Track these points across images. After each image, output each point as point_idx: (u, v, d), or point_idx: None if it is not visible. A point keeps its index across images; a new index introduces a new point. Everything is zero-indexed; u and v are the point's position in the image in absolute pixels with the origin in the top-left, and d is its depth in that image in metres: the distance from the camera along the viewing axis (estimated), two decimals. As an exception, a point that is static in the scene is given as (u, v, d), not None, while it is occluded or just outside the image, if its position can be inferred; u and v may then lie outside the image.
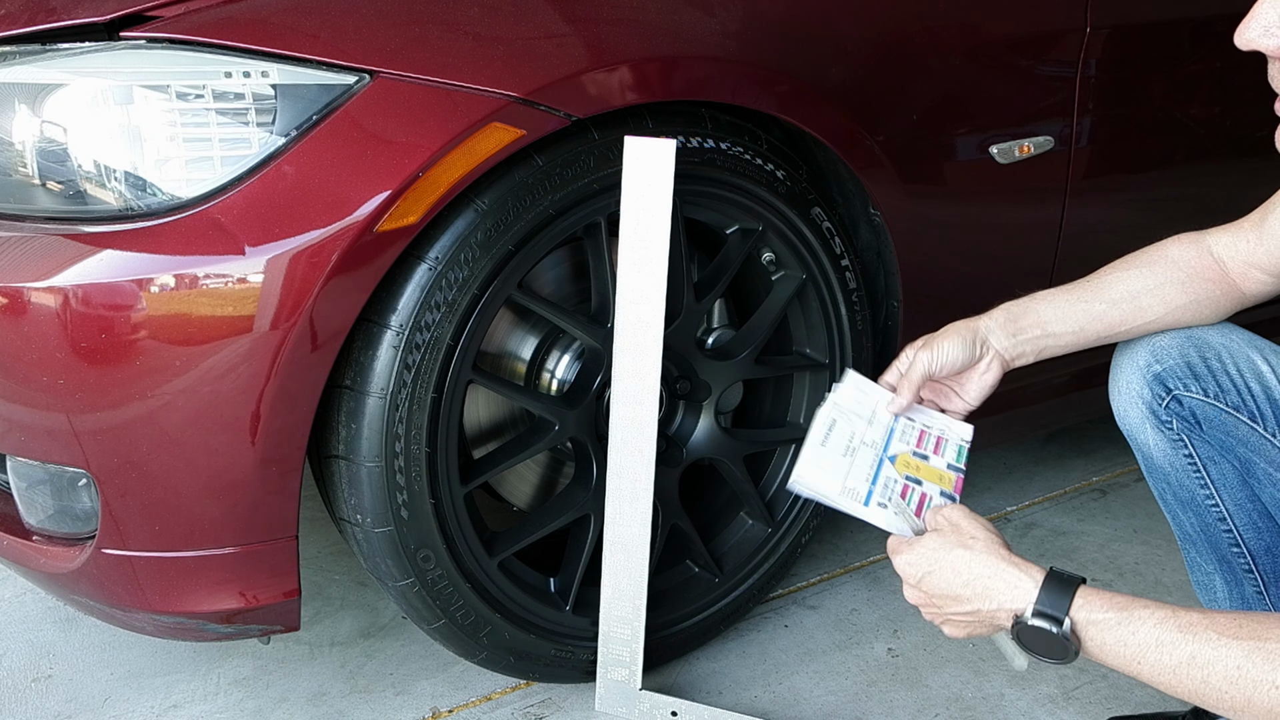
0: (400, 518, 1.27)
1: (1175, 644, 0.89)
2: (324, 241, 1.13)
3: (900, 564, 1.06)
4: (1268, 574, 1.26)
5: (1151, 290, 1.20)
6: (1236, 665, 0.86)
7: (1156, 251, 1.23)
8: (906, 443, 1.22)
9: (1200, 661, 0.87)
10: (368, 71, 1.15)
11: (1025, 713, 1.49)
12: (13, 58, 1.17)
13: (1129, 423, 1.25)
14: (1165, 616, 0.90)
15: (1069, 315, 1.22)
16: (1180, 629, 0.89)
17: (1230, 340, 1.19)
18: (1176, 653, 0.89)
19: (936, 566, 1.02)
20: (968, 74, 1.55)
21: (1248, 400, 1.17)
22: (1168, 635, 0.89)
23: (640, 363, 1.31)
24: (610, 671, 1.45)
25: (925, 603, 1.05)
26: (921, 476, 1.18)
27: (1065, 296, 1.23)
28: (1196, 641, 0.88)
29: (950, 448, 1.23)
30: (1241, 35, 0.99)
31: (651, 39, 1.29)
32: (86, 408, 1.15)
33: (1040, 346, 1.22)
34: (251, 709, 1.50)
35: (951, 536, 1.03)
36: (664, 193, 1.26)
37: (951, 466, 1.21)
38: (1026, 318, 1.22)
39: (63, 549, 1.27)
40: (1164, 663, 0.89)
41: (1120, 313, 1.21)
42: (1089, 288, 1.23)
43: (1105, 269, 1.25)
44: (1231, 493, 1.23)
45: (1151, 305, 1.20)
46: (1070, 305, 1.22)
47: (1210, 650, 0.87)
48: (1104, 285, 1.22)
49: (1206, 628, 0.88)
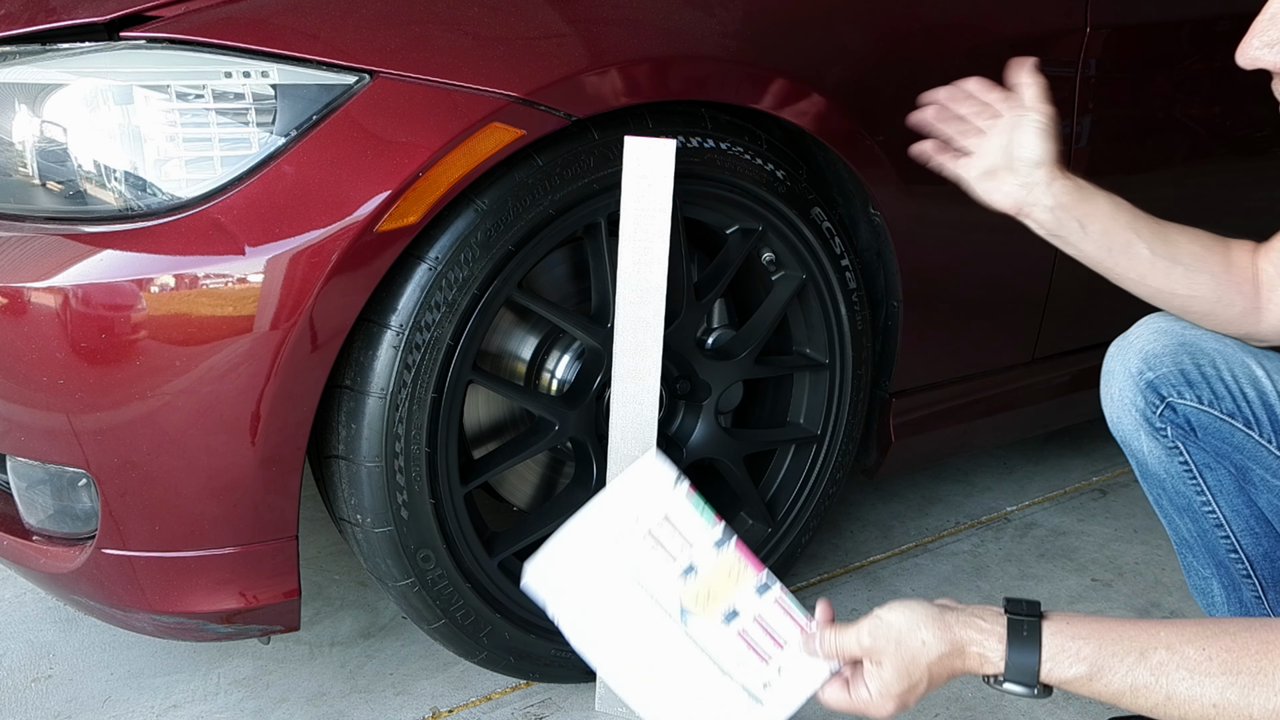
0: (400, 518, 1.27)
1: (1150, 687, 0.90)
2: (324, 241, 1.13)
3: (879, 710, 0.99)
4: (1266, 579, 1.26)
5: (1190, 267, 1.15)
6: (1212, 703, 0.88)
7: (1227, 244, 1.17)
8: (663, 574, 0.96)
9: (1177, 701, 0.89)
10: (368, 71, 1.15)
11: (1025, 713, 1.49)
12: (13, 58, 1.17)
13: (1122, 430, 1.25)
14: (1134, 662, 0.91)
15: (1111, 228, 1.15)
16: (1151, 672, 0.90)
17: (1224, 345, 1.18)
18: (1153, 695, 0.91)
19: (911, 684, 0.97)
20: (968, 73, 1.55)
21: (1243, 406, 1.16)
22: (1141, 680, 0.91)
23: (640, 363, 1.31)
24: (610, 671, 1.45)
25: (908, 705, 1.00)
26: (726, 603, 0.98)
27: (1125, 217, 1.15)
28: (1170, 682, 0.90)
29: (683, 516, 1.00)
30: (1243, 53, 0.98)
31: (651, 39, 1.29)
32: (86, 408, 1.15)
33: (1065, 233, 1.16)
34: (251, 709, 1.50)
35: (902, 646, 0.97)
36: (664, 193, 1.26)
37: (718, 542, 1.01)
38: (1080, 207, 1.14)
39: (63, 549, 1.27)
40: (1142, 704, 0.91)
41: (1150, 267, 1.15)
42: (1149, 227, 1.16)
43: (1181, 227, 1.18)
44: (1228, 499, 1.22)
45: (1179, 279, 1.15)
46: (1118, 228, 1.15)
47: (1184, 689, 0.89)
48: (1160, 235, 1.15)
49: (1177, 666, 0.90)
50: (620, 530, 1.00)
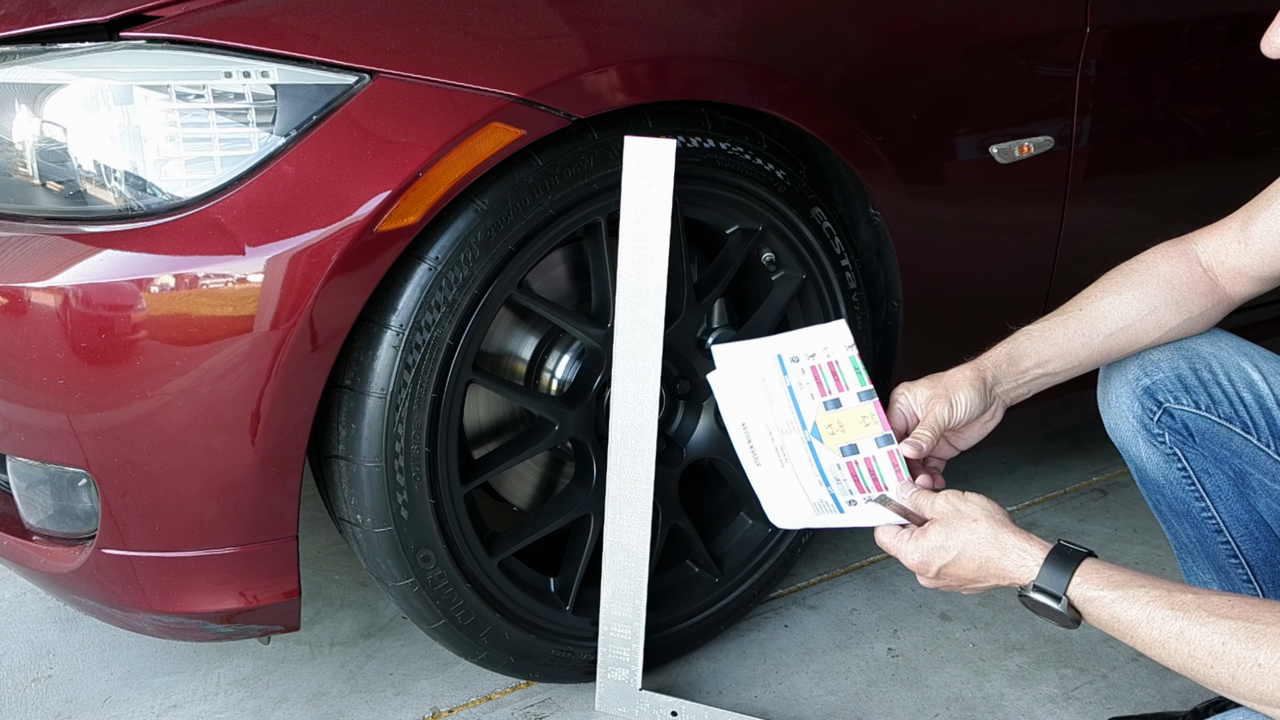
0: (400, 518, 1.27)
1: (1165, 620, 0.92)
2: (324, 241, 1.13)
3: (913, 562, 1.09)
4: (1266, 583, 1.25)
5: (1146, 316, 1.18)
6: (1221, 643, 0.88)
7: (1146, 269, 1.20)
8: (812, 396, 1.17)
9: (1187, 638, 0.90)
10: (368, 71, 1.15)
11: (1025, 712, 1.49)
12: (13, 58, 1.17)
13: (1120, 436, 1.25)
14: (1159, 595, 0.93)
15: (1068, 352, 1.20)
16: (1172, 606, 0.92)
17: (1220, 349, 1.18)
18: (1165, 628, 0.91)
19: (950, 557, 1.06)
20: (968, 74, 1.55)
21: (1240, 411, 1.16)
22: (1159, 612, 0.92)
23: (640, 363, 1.31)
24: (610, 671, 1.45)
25: (943, 586, 1.09)
26: (851, 438, 1.15)
27: (1063, 331, 1.20)
28: (1185, 619, 0.91)
29: (845, 368, 1.17)
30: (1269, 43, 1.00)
31: (651, 39, 1.29)
32: (86, 408, 1.15)
33: (1041, 385, 1.22)
34: (251, 709, 1.50)
35: (957, 523, 1.06)
36: (664, 193, 1.26)
37: (862, 394, 1.16)
38: (1028, 359, 1.19)
39: (63, 549, 1.27)
40: (1154, 637, 0.92)
41: (1117, 342, 1.20)
42: (1085, 320, 1.20)
43: (1096, 291, 1.21)
44: (1227, 504, 1.22)
45: (1147, 331, 1.19)
46: (1069, 341, 1.19)
47: (1197, 628, 0.90)
48: (1099, 315, 1.19)
49: (1198, 607, 0.91)
50: (796, 355, 1.19)
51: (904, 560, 1.10)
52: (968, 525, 1.06)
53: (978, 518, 1.06)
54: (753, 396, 1.20)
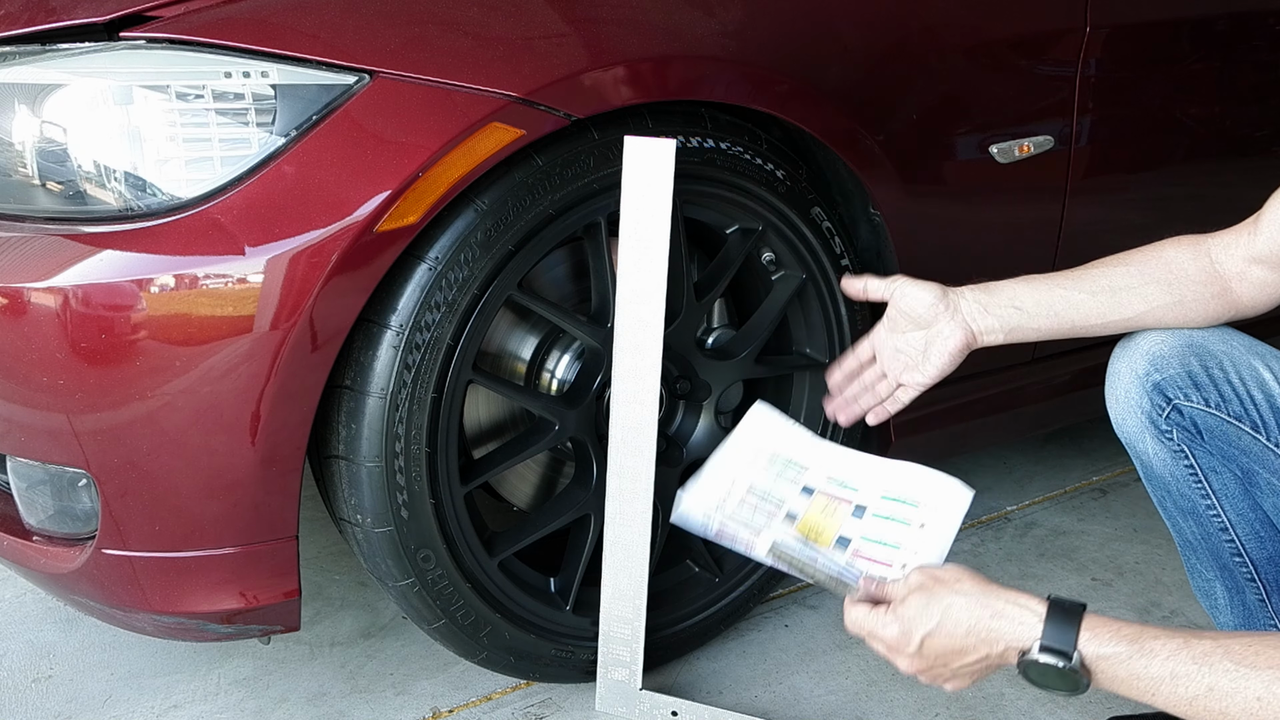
0: (400, 518, 1.27)
1: (1191, 676, 0.86)
2: (324, 241, 1.13)
3: (891, 636, 1.00)
4: (1270, 583, 1.25)
5: (1134, 287, 1.18)
6: (1256, 696, 0.84)
7: (1152, 250, 1.21)
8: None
9: (1219, 693, 0.85)
10: (367, 71, 1.15)
11: (1025, 712, 1.49)
12: (13, 58, 1.17)
13: (1127, 432, 1.24)
14: (1178, 648, 0.88)
15: (1044, 298, 1.20)
16: (1195, 660, 0.87)
17: (1231, 347, 1.17)
18: (1193, 685, 0.86)
19: (933, 624, 0.96)
20: (968, 73, 1.55)
21: (1250, 410, 1.15)
22: (1182, 668, 0.87)
23: (640, 363, 1.31)
24: (610, 671, 1.45)
25: (926, 666, 0.99)
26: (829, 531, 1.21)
27: (1045, 281, 1.21)
28: (1214, 673, 0.86)
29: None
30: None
31: (651, 38, 1.29)
32: (86, 408, 1.15)
33: (1011, 324, 1.20)
34: (252, 709, 1.50)
35: (936, 588, 0.98)
36: (664, 193, 1.26)
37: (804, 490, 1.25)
38: (1004, 291, 1.21)
39: (63, 549, 1.27)
40: (1180, 695, 0.87)
41: (1098, 304, 1.18)
42: (1071, 276, 1.21)
43: (1098, 261, 1.23)
44: (1233, 502, 1.22)
45: (1131, 302, 1.18)
46: (1048, 289, 1.20)
47: (1228, 681, 0.85)
48: (1087, 276, 1.20)
49: (1222, 657, 0.86)
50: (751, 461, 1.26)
51: (879, 637, 1.00)
52: (949, 588, 0.97)
53: (960, 578, 0.98)
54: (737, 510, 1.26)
